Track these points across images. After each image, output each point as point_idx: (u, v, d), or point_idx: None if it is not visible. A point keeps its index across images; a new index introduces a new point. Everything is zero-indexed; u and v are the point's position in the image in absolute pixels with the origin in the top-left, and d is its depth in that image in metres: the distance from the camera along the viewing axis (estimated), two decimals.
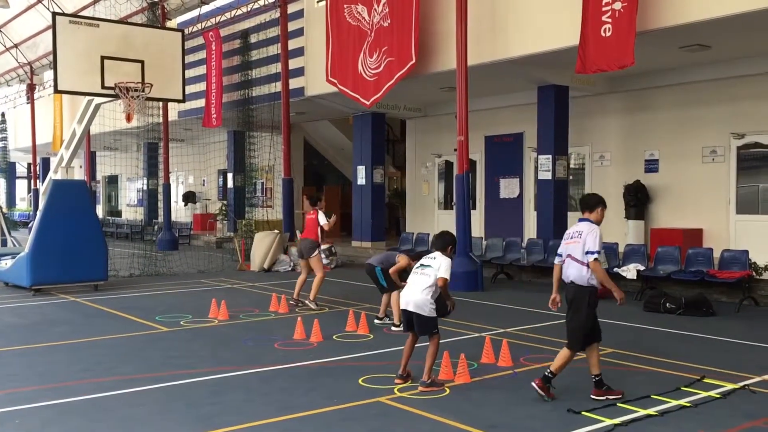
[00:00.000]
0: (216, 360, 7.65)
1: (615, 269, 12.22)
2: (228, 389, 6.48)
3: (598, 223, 6.24)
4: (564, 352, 6.14)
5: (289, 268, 16.62)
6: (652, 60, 13.14)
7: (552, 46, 12.34)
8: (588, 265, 6.02)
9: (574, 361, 7.45)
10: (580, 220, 6.31)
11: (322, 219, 11.03)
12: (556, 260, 6.42)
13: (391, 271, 9.15)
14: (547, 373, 6.12)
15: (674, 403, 5.96)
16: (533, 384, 6.11)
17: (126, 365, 7.42)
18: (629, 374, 6.96)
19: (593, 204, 6.31)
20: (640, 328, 9.41)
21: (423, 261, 6.72)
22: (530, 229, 16.52)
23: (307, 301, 10.92)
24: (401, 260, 9.19)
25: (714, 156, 14.08)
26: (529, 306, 11.16)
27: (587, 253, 6.02)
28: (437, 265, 6.54)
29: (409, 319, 6.63)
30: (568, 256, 6.19)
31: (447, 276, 6.51)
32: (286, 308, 10.71)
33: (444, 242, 6.75)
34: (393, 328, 9.24)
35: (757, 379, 6.63)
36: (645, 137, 15.20)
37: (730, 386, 6.32)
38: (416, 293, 6.52)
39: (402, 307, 6.73)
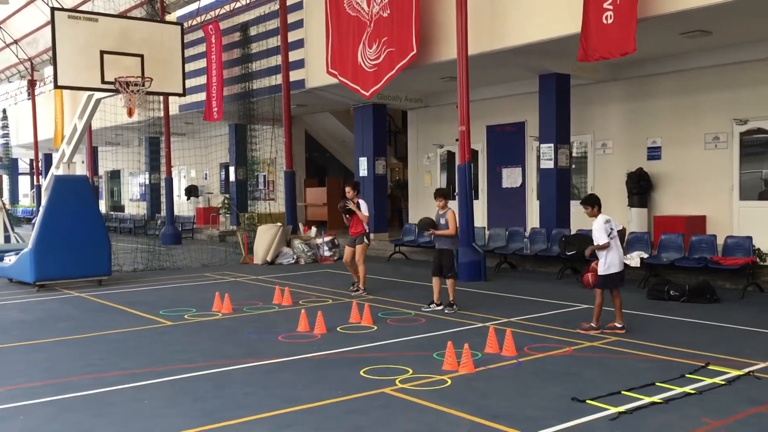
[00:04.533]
0: (220, 353, 7.65)
1: None
2: (232, 382, 6.48)
3: None
4: None
5: (292, 261, 16.60)
6: (654, 47, 13.08)
7: (553, 35, 12.27)
8: None
9: (579, 348, 7.46)
10: None
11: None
12: None
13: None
14: None
15: (679, 390, 5.95)
16: None
17: (130, 360, 7.43)
18: (634, 362, 6.95)
19: None
20: (644, 315, 9.39)
21: (611, 226, 8.17)
22: (533, 218, 16.48)
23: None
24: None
25: (717, 142, 14.02)
26: (532, 295, 11.15)
27: None
28: (618, 225, 8.36)
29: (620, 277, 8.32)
30: None
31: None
32: (290, 301, 10.71)
33: (593, 204, 8.40)
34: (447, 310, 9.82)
35: (762, 365, 6.61)
36: (647, 124, 15.14)
37: (734, 373, 6.30)
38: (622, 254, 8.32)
39: (620, 268, 8.30)
